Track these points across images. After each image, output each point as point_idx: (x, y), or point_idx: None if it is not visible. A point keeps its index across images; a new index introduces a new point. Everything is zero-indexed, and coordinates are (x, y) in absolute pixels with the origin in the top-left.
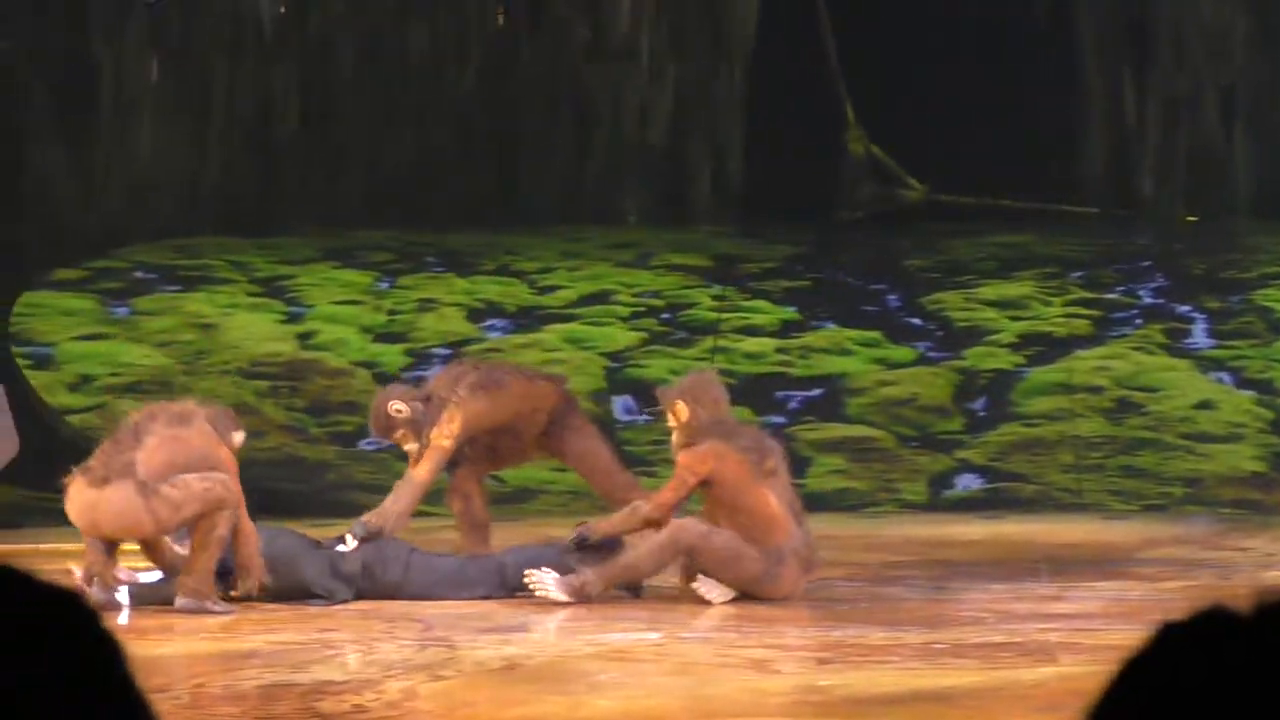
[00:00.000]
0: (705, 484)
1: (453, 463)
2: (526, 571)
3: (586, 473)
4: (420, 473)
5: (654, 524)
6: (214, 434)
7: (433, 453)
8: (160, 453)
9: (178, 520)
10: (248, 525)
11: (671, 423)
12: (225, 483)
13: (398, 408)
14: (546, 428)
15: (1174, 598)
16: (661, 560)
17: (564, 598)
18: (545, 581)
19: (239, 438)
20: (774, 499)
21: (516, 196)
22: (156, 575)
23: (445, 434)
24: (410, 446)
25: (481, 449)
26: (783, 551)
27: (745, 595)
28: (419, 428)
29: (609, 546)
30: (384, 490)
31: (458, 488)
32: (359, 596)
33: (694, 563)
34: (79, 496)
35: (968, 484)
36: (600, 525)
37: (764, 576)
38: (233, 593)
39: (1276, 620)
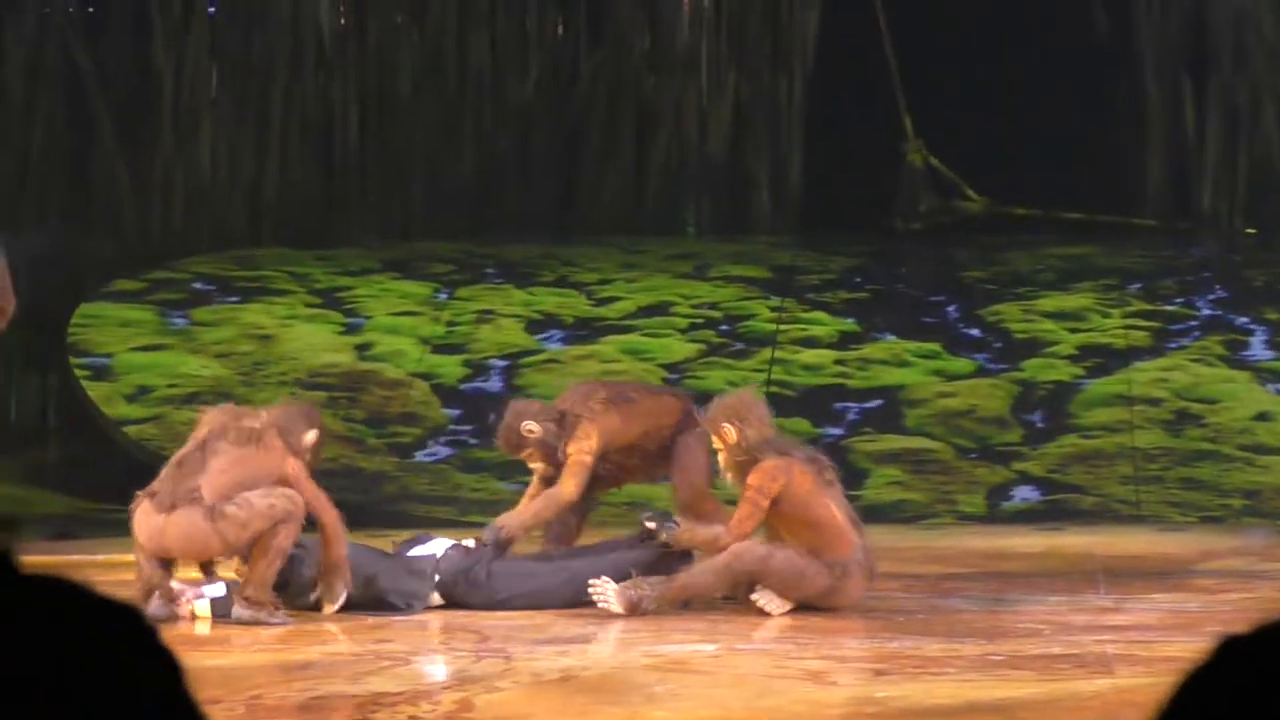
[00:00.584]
0: (773, 501)
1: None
2: (590, 581)
3: (677, 475)
4: (565, 489)
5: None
6: (284, 448)
7: (576, 468)
8: (226, 475)
9: (246, 538)
10: (335, 527)
11: (717, 445)
12: (290, 497)
13: (530, 427)
14: (669, 441)
15: (1232, 610)
16: (720, 584)
17: (620, 609)
18: (606, 592)
19: (311, 437)
20: (837, 509)
21: (576, 208)
22: (220, 588)
23: (585, 449)
24: (536, 465)
25: (612, 467)
26: (847, 563)
27: (806, 606)
28: (549, 448)
29: (679, 558)
30: (442, 501)
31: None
32: (441, 604)
33: (757, 582)
34: (146, 521)
35: (1026, 496)
36: (685, 536)
37: (829, 590)
38: (313, 597)
39: None
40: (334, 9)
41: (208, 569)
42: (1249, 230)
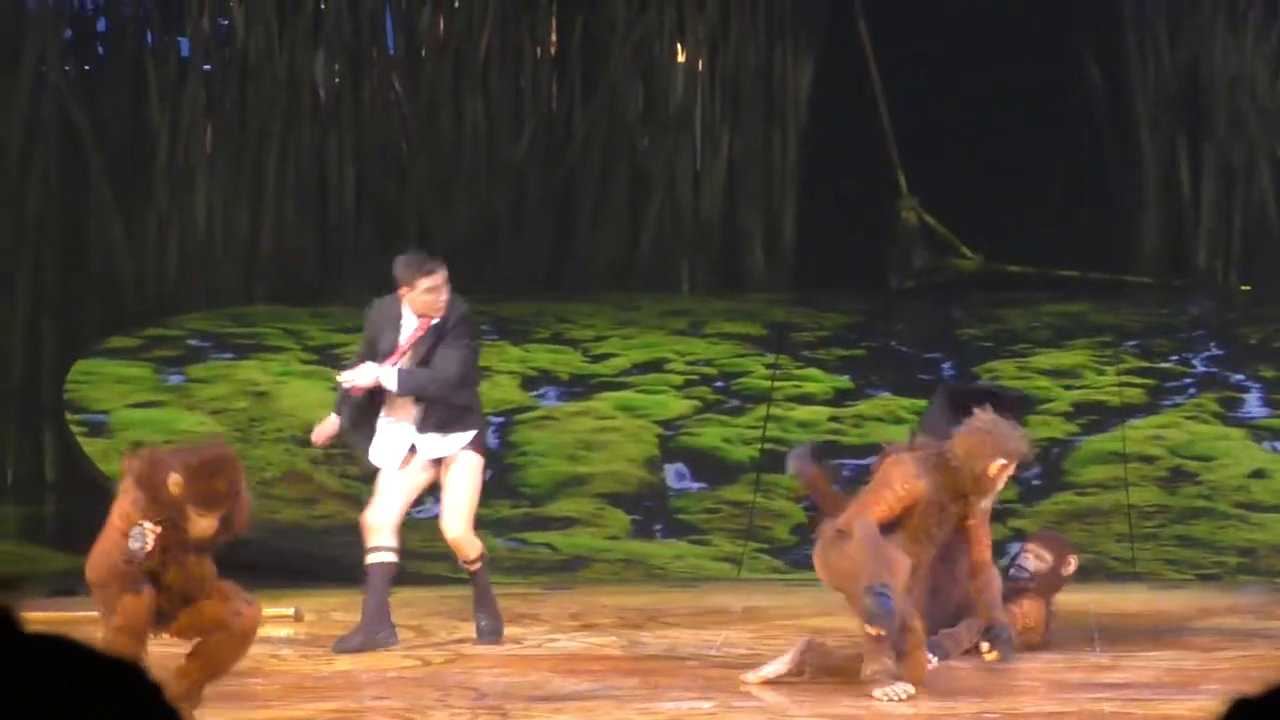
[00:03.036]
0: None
1: None
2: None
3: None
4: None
5: None
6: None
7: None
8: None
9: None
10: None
11: (993, 479)
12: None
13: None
14: None
15: (1228, 668)
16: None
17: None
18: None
19: (172, 480)
20: None
21: (570, 264)
22: None
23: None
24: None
25: None
26: None
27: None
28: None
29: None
30: (437, 557)
31: None
32: None
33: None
34: None
35: None
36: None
37: None
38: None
39: None
40: (329, 66)
41: None
42: (1244, 287)
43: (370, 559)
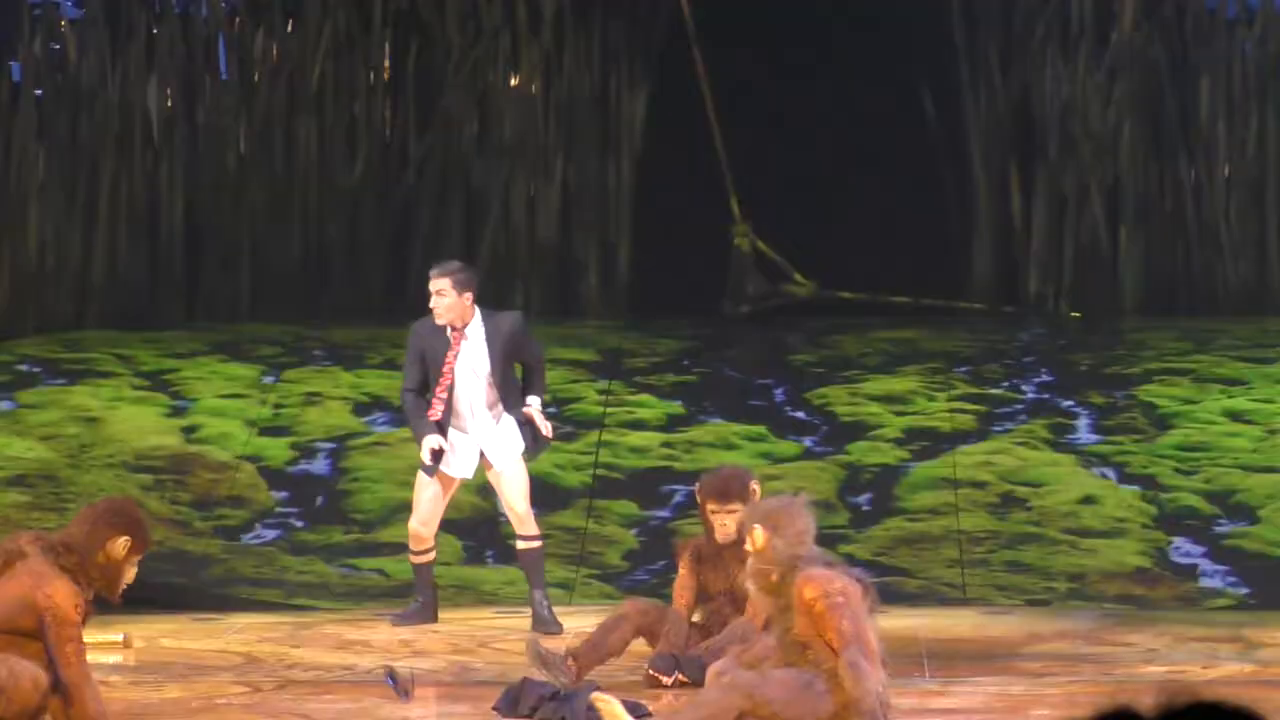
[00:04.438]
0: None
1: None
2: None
3: None
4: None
5: None
6: (46, 572)
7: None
8: None
9: None
10: (78, 690)
11: (748, 548)
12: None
13: (756, 488)
14: None
15: (1057, 693)
16: None
17: None
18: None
19: (119, 545)
20: (875, 640)
21: (406, 290)
22: None
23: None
24: (726, 526)
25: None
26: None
27: None
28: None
29: None
30: (269, 584)
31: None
32: None
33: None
34: None
35: None
36: None
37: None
38: None
39: None
40: (162, 92)
41: None
42: (1074, 314)
43: (422, 560)
